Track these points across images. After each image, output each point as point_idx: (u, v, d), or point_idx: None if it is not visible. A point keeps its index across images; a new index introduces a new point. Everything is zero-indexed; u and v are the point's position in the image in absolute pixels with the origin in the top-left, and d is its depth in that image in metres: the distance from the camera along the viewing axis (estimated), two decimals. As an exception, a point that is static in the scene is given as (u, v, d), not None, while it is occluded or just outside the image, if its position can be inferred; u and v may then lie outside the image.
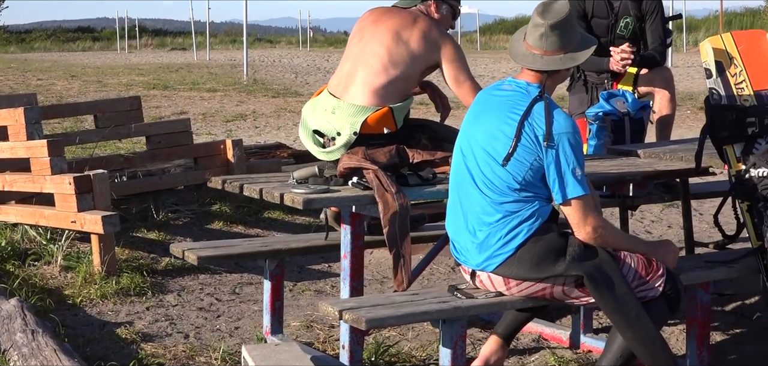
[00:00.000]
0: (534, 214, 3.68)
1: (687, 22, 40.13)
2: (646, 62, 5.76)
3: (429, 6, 4.61)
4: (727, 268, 4.27)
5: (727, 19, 42.86)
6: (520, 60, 3.83)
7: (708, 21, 44.90)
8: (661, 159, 4.81)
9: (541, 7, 3.83)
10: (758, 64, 4.45)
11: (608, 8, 5.82)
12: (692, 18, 46.09)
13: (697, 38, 38.47)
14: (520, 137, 3.66)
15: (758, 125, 4.25)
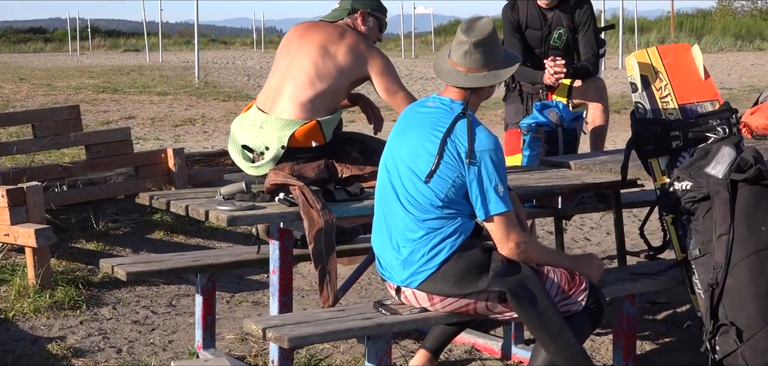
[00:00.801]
0: (457, 230, 3.71)
1: (639, 23, 40.49)
2: (579, 74, 5.81)
3: (355, 19, 4.62)
4: (652, 281, 4.33)
5: (679, 21, 43.30)
6: (445, 77, 3.86)
7: (660, 22, 45.29)
8: (591, 171, 4.86)
9: (465, 25, 3.86)
10: (683, 78, 4.51)
11: (542, 20, 5.87)
12: (644, 19, 46.49)
13: (649, 40, 38.83)
14: (442, 154, 3.69)
15: (682, 139, 4.30)
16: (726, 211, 4.09)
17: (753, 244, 4.06)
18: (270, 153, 4.30)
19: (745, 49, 35.57)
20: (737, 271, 4.05)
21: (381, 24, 4.72)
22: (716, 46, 36.70)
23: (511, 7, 5.94)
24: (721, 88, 19.50)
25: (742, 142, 4.32)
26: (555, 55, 5.86)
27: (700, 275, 4.15)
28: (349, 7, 4.65)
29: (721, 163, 4.17)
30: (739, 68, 25.68)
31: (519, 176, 4.76)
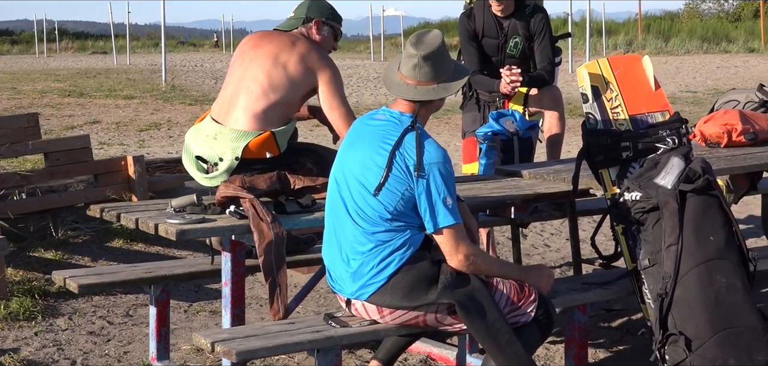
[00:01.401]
0: (406, 243, 3.72)
1: (607, 25, 40.72)
2: (535, 82, 5.85)
3: (310, 28, 4.62)
4: (603, 290, 4.36)
5: (646, 23, 43.60)
6: (394, 90, 3.87)
7: (627, 24, 45.58)
8: (545, 180, 4.89)
9: (415, 38, 3.87)
10: (634, 89, 4.55)
11: (498, 28, 5.90)
12: (612, 21, 46.74)
13: (617, 42, 39.09)
14: (391, 167, 3.70)
15: (632, 149, 4.34)
16: (675, 221, 4.12)
17: (701, 254, 4.10)
18: (224, 164, 4.29)
19: (711, 52, 35.87)
20: (686, 281, 4.08)
21: (336, 32, 4.72)
22: (683, 48, 36.98)
23: (467, 15, 5.97)
24: (686, 91, 19.69)
25: (691, 152, 4.36)
26: (511, 63, 5.89)
27: (649, 285, 4.19)
28: (303, 16, 4.66)
29: (669, 173, 4.21)
30: (705, 71, 25.90)
31: (472, 186, 4.78)
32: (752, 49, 35.34)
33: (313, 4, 4.66)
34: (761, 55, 33.42)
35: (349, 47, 51.01)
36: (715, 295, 4.07)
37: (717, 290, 4.07)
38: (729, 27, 41.28)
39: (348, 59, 38.07)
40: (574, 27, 39.78)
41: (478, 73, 5.96)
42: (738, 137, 5.59)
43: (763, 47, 35.17)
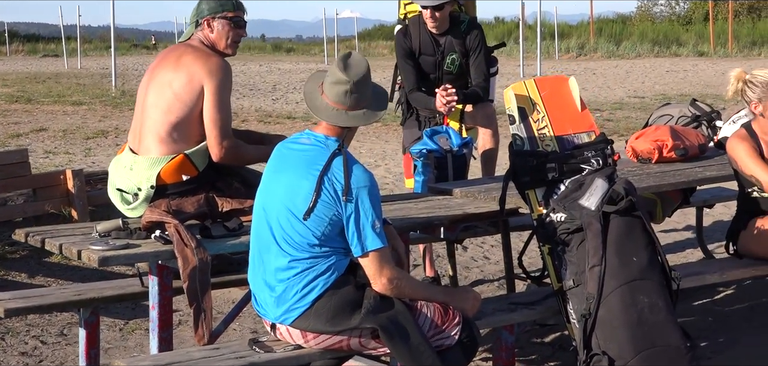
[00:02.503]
0: (330, 268, 3.74)
1: (559, 28, 41.00)
2: (469, 99, 5.89)
3: (203, 30, 4.53)
4: (529, 310, 4.41)
5: (598, 26, 43.93)
6: (324, 115, 3.87)
7: (580, 27, 45.91)
8: (476, 198, 4.93)
9: (342, 63, 3.87)
10: (560, 109, 4.60)
11: (434, 46, 5.94)
12: (565, 24, 47.05)
13: (569, 45, 39.36)
14: (320, 192, 3.71)
15: (558, 170, 4.40)
16: (598, 242, 4.18)
17: (624, 274, 4.16)
18: (142, 193, 4.29)
19: (662, 55, 36.21)
20: (609, 301, 4.14)
21: (232, 22, 4.54)
22: (634, 51, 37.30)
23: (403, 33, 6.00)
24: (634, 96, 19.88)
25: (615, 173, 4.42)
26: (449, 80, 5.94)
27: (574, 305, 4.25)
28: (195, 20, 4.58)
29: (593, 195, 4.27)
30: (655, 75, 26.15)
31: (403, 206, 4.82)
32: (702, 52, 35.73)
33: (203, 4, 4.57)
34: (710, 59, 33.80)
35: (304, 50, 50.96)
36: (637, 315, 4.13)
37: (639, 310, 4.14)
38: (680, 30, 41.66)
39: (302, 62, 38.02)
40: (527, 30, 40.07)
41: (416, 90, 5.99)
42: (669, 153, 5.67)
43: (713, 51, 35.57)
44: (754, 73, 5.02)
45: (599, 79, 25.09)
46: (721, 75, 25.35)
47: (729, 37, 36.33)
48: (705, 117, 6.42)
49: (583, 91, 19.55)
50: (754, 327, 5.61)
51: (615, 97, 19.59)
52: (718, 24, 39.53)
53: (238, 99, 20.63)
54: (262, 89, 23.33)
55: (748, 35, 37.10)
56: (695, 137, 5.88)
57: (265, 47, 52.87)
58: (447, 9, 5.85)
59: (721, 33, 37.89)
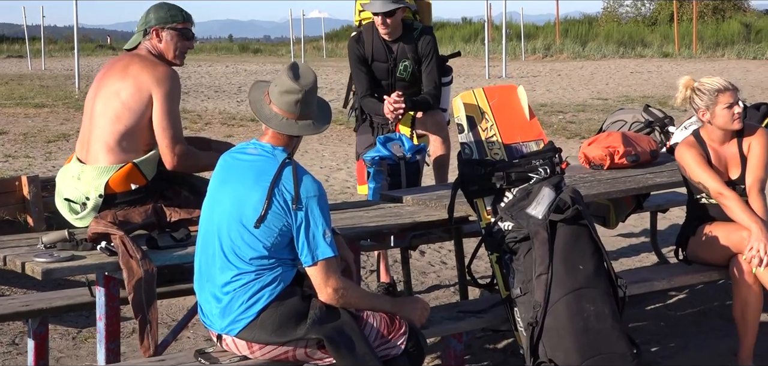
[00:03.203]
0: (276, 279, 3.74)
1: (526, 29, 41.18)
2: (419, 107, 5.91)
3: (151, 40, 4.52)
4: (477, 319, 4.43)
5: (564, 27, 44.15)
6: (273, 124, 3.86)
7: (546, 28, 46.12)
8: (427, 206, 4.94)
9: (292, 73, 3.87)
10: (509, 118, 4.63)
11: (387, 52, 5.95)
12: (532, 25, 47.26)
13: (535, 46, 39.54)
14: (270, 203, 3.71)
15: (506, 179, 4.42)
16: (545, 251, 4.21)
17: (570, 282, 4.19)
18: (90, 203, 4.28)
19: (627, 56, 36.44)
20: (556, 309, 4.17)
21: (180, 34, 4.56)
22: (600, 53, 37.53)
23: (356, 40, 6.01)
24: (597, 98, 19.99)
25: (562, 182, 4.45)
26: (401, 87, 5.96)
27: (521, 313, 4.27)
28: (143, 29, 4.58)
29: (541, 204, 4.29)
30: (619, 77, 26.33)
31: (353, 214, 4.82)
32: (667, 53, 35.99)
33: (152, 13, 4.56)
34: (674, 60, 34.06)
35: (271, 51, 50.85)
36: (583, 323, 4.16)
37: (586, 318, 4.17)
38: (645, 31, 41.94)
39: (269, 64, 37.90)
40: (494, 30, 40.19)
41: (368, 96, 6.01)
42: (620, 159, 5.72)
43: (678, 52, 35.86)
44: (701, 80, 5.07)
45: (564, 81, 25.23)
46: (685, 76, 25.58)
47: (693, 39, 36.62)
48: (658, 123, 6.48)
49: (547, 93, 19.75)
50: (704, 331, 5.67)
51: (579, 99, 19.71)
52: (684, 25, 39.83)
53: (203, 101, 20.57)
54: (227, 91, 23.26)
55: (712, 36, 37.42)
56: (647, 143, 5.93)
57: (232, 48, 52.72)
58: (399, 16, 5.86)
59: (685, 34, 38.19)
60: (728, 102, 4.94)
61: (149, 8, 4.63)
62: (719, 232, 4.96)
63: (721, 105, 4.94)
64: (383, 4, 5.77)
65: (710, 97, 4.97)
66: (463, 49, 42.97)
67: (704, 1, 45.04)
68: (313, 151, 13.13)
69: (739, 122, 4.97)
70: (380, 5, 5.77)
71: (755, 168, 5.00)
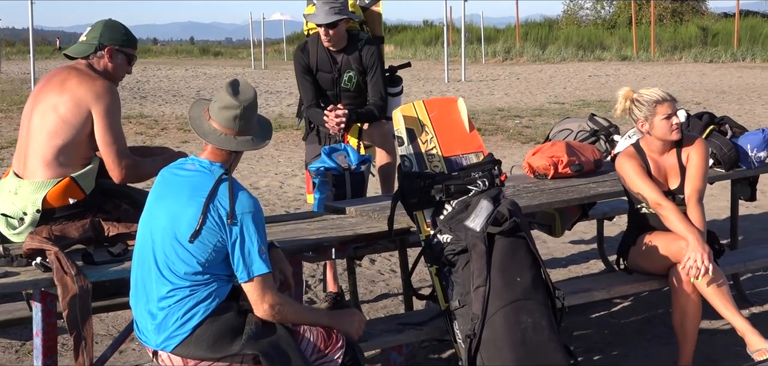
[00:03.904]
0: (212, 294, 3.73)
1: (486, 32, 41.36)
2: (364, 118, 5.92)
3: (102, 58, 4.49)
4: (416, 331, 4.44)
5: (525, 30, 44.41)
6: (212, 139, 3.86)
7: (507, 31, 46.35)
8: (369, 217, 4.95)
9: (232, 89, 3.87)
10: (449, 131, 4.65)
11: (331, 63, 5.96)
12: (492, 28, 47.46)
13: (495, 49, 39.73)
14: (205, 219, 3.70)
15: (445, 192, 4.44)
16: (482, 263, 4.24)
17: (508, 295, 4.22)
18: (28, 218, 4.24)
19: (586, 59, 36.72)
20: (493, 321, 4.20)
21: (129, 58, 4.59)
22: (559, 56, 37.77)
23: (301, 50, 6.02)
24: (554, 102, 20.11)
25: (501, 194, 4.48)
26: (347, 97, 5.98)
27: (460, 325, 4.29)
28: (96, 43, 4.54)
29: (479, 216, 4.32)
30: (577, 80, 26.52)
31: (295, 226, 4.82)
32: (625, 56, 36.31)
33: (107, 31, 4.55)
34: (632, 63, 34.38)
35: (232, 53, 50.67)
36: (521, 335, 4.19)
37: (523, 330, 4.20)
38: (604, 34, 42.28)
39: (229, 67, 37.79)
40: (455, 33, 40.32)
41: (314, 106, 6.01)
42: (564, 169, 5.76)
43: (636, 55, 36.16)
44: (640, 91, 5.12)
45: (522, 84, 25.37)
46: (642, 80, 25.84)
47: (651, 42, 36.93)
48: (603, 131, 6.54)
49: (505, 97, 19.88)
50: (647, 339, 5.72)
51: (536, 103, 19.82)
52: (643, 28, 40.17)
53: (160, 105, 20.47)
54: (185, 95, 23.15)
55: (670, 40, 37.81)
56: (591, 153, 5.98)
57: (192, 51, 52.47)
58: (342, 27, 5.87)
59: (644, 37, 38.54)
60: (666, 113, 5.00)
61: (104, 24, 4.60)
62: (659, 242, 5.02)
63: (659, 116, 5.00)
64: (326, 16, 5.77)
65: (649, 108, 5.02)
66: (424, 52, 43.13)
67: (663, 4, 45.45)
68: (268, 158, 13.10)
69: (677, 133, 5.03)
70: (323, 17, 5.78)
71: (694, 178, 5.06)
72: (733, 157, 6.01)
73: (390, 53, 46.55)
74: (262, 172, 12.00)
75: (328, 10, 5.79)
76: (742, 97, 20.30)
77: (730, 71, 28.25)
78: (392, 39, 51.07)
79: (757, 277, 6.92)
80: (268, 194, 10.44)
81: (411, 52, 44.21)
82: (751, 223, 8.83)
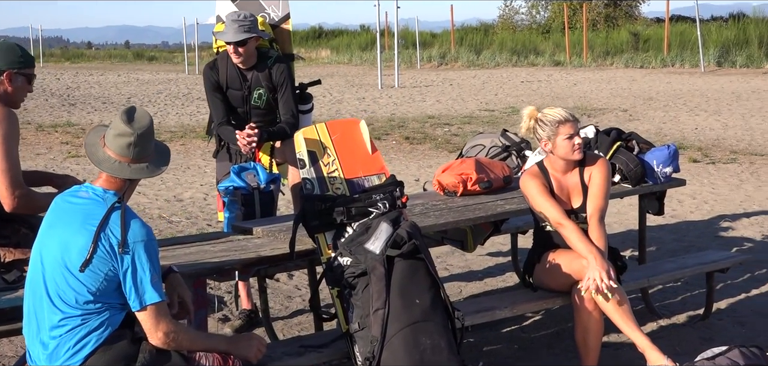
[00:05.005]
0: (103, 323, 3.71)
1: (421, 37, 41.50)
2: (275, 136, 5.93)
3: (2, 82, 4.42)
4: (317, 353, 4.45)
5: (460, 35, 44.62)
6: (106, 167, 3.83)
7: (442, 36, 46.55)
8: (276, 238, 4.95)
9: (126, 116, 3.86)
10: (351, 153, 4.68)
11: (241, 80, 5.96)
12: (427, 33, 47.66)
13: (431, 54, 39.88)
14: (96, 247, 3.68)
15: (346, 214, 4.46)
16: (382, 286, 4.27)
17: (407, 317, 4.26)
18: None
19: (520, 65, 37.00)
20: (392, 344, 4.23)
21: (28, 78, 4.51)
22: (493, 61, 38.02)
23: (210, 67, 6.01)
24: (485, 109, 20.25)
25: (401, 216, 4.51)
26: (257, 115, 5.98)
27: (360, 348, 4.32)
28: None
29: (378, 239, 4.35)
30: (509, 86, 26.71)
31: (199, 248, 4.81)
32: (558, 62, 36.63)
33: (2, 55, 4.46)
34: (565, 68, 34.71)
35: (167, 58, 50.24)
36: (420, 356, 4.23)
37: (422, 352, 4.23)
38: (538, 39, 42.60)
39: (162, 72, 37.47)
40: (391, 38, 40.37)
41: (225, 124, 6.00)
42: (473, 186, 5.82)
43: (568, 60, 36.52)
44: (544, 111, 5.19)
45: (455, 91, 25.50)
46: (573, 86, 26.13)
47: (584, 47, 37.34)
48: (514, 147, 6.62)
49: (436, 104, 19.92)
50: (556, 353, 5.80)
51: (466, 111, 19.94)
52: (576, 33, 40.57)
53: (89, 113, 20.24)
54: (115, 102, 22.92)
55: (602, 45, 38.21)
56: (500, 169, 6.05)
57: (126, 55, 51.92)
58: (252, 45, 5.87)
59: (577, 42, 38.92)
60: (568, 133, 5.07)
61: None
62: (562, 259, 5.10)
63: (561, 136, 5.07)
64: (235, 34, 5.77)
65: (551, 128, 5.09)
66: (361, 57, 43.17)
67: (597, 9, 45.98)
68: (195, 168, 13.02)
69: (578, 153, 5.10)
70: (232, 35, 5.78)
71: (595, 197, 5.15)
72: (640, 173, 6.12)
73: (326, 58, 46.56)
74: (187, 183, 11.92)
75: (237, 29, 5.79)
76: (668, 103, 20.62)
77: (660, 77, 28.68)
78: (329, 44, 51.06)
79: (667, 289, 7.05)
80: (191, 207, 10.38)
81: (347, 57, 44.24)
82: (666, 233, 9.00)
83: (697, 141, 14.99)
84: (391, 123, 17.72)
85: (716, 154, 13.67)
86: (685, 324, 6.30)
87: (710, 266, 6.18)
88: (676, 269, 6.10)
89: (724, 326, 6.23)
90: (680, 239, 8.72)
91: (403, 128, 16.94)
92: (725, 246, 8.39)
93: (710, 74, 29.29)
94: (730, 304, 6.70)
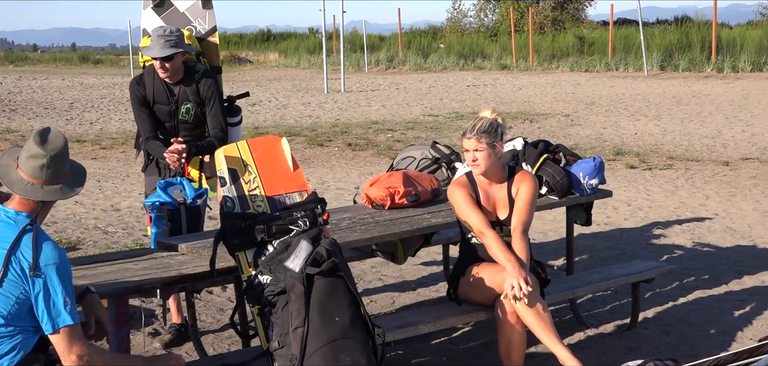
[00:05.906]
0: (15, 347, 3.69)
1: (369, 41, 41.56)
2: (204, 150, 5.91)
3: None
4: (238, 372, 4.46)
5: (408, 38, 44.75)
6: (18, 189, 3.81)
7: (390, 39, 46.64)
8: (200, 255, 4.94)
9: (39, 137, 3.83)
10: (272, 170, 4.68)
11: (168, 95, 5.93)
12: (375, 36, 47.72)
13: (379, 57, 39.95)
14: (7, 271, 3.66)
15: (266, 232, 4.47)
16: (301, 304, 4.28)
17: (326, 335, 4.27)
18: None
19: (467, 69, 37.17)
20: (312, 362, 4.23)
21: None
22: (440, 65, 38.16)
23: (137, 81, 5.98)
24: (429, 114, 20.32)
25: (321, 234, 4.53)
26: (185, 129, 5.96)
27: (280, 366, 4.32)
28: None
29: (298, 257, 4.36)
30: (455, 90, 26.85)
31: (121, 266, 4.79)
32: (505, 65, 36.86)
33: None
34: (511, 72, 34.95)
35: (113, 61, 49.80)
36: (340, 374, 4.24)
37: (342, 369, 4.24)
38: (485, 43, 42.82)
39: (108, 76, 37.14)
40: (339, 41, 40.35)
41: (152, 138, 5.98)
42: (401, 200, 5.85)
43: (515, 64, 36.77)
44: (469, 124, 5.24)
45: (401, 95, 25.57)
46: (518, 90, 26.32)
47: (530, 51, 37.61)
48: (444, 159, 6.66)
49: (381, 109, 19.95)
50: (485, 364, 5.84)
51: (411, 116, 20.01)
52: (523, 36, 40.85)
53: (30, 119, 20.00)
54: (58, 108, 22.68)
55: (548, 48, 38.50)
56: (429, 182, 6.08)
57: (72, 58, 51.36)
58: (178, 60, 5.85)
59: (523, 46, 39.18)
60: (466, 148, 5.16)
61: None
62: (485, 273, 5.15)
63: (465, 150, 5.16)
64: (161, 49, 5.75)
65: (463, 141, 5.17)
66: (308, 60, 43.11)
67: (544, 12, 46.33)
68: (134, 176, 12.92)
69: (476, 167, 5.17)
70: (158, 50, 5.75)
71: (520, 210, 5.21)
72: (566, 185, 6.20)
73: (274, 61, 46.44)
74: (126, 192, 11.84)
75: (163, 44, 5.77)
76: (610, 108, 20.85)
77: (604, 81, 28.98)
78: (277, 47, 50.96)
79: (596, 298, 7.14)
80: (128, 217, 10.31)
81: (295, 61, 44.17)
82: (599, 240, 9.10)
83: (636, 147, 15.18)
84: (334, 129, 17.72)
85: (653, 160, 13.85)
86: (612, 333, 6.38)
87: (636, 277, 6.27)
88: (602, 280, 6.18)
89: (650, 335, 6.32)
90: (612, 247, 8.83)
91: (347, 134, 16.95)
92: (656, 254, 8.51)
93: (653, 78, 29.66)
94: (657, 313, 6.80)
